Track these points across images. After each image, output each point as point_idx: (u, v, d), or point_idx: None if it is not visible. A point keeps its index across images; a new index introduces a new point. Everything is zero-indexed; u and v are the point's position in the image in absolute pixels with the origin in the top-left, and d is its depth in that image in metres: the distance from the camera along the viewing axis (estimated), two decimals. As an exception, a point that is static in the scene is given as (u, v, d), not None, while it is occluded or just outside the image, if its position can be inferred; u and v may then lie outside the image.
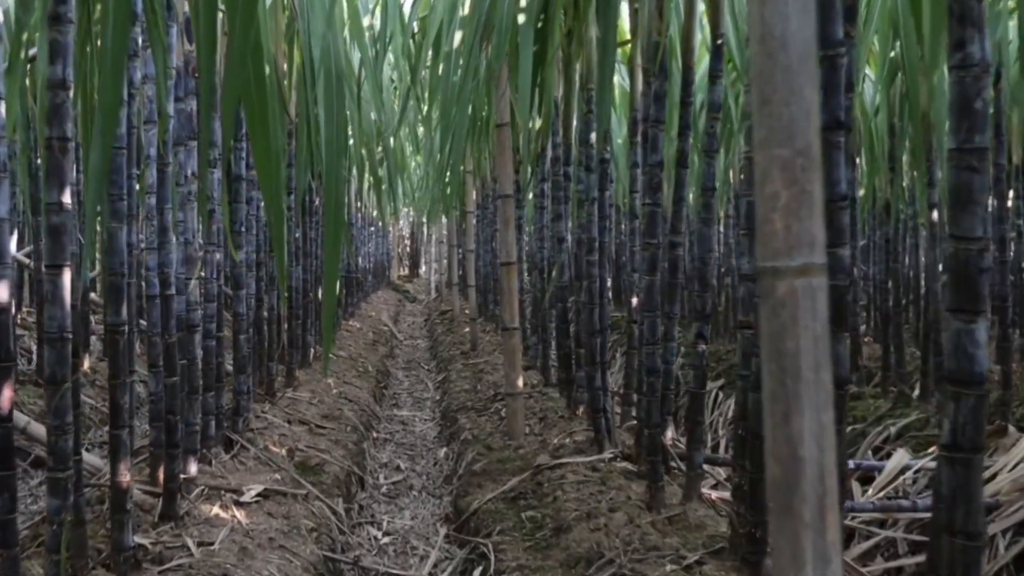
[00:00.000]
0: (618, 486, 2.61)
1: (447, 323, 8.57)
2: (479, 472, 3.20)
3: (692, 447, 2.39)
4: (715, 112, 2.39)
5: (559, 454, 3.07)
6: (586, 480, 2.71)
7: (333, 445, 3.52)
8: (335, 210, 1.56)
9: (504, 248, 3.55)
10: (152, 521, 2.23)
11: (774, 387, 0.77)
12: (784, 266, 0.76)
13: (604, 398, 3.01)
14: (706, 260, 2.43)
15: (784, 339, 0.76)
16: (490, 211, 7.16)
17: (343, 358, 5.58)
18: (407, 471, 3.76)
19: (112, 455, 1.91)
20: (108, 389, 1.91)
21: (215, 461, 2.77)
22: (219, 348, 2.89)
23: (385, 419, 4.86)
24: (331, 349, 1.57)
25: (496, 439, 3.55)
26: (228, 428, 3.00)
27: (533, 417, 3.71)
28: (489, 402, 4.32)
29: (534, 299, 4.88)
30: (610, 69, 2.37)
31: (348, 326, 7.21)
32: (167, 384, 2.25)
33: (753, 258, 2.01)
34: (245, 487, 2.63)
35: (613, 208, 4.60)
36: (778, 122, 0.77)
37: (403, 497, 3.41)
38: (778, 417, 0.76)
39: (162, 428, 2.28)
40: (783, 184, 0.76)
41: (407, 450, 4.18)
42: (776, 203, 0.76)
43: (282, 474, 2.91)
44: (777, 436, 0.77)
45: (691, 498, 2.40)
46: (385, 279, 14.01)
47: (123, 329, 1.91)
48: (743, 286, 2.02)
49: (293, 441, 3.34)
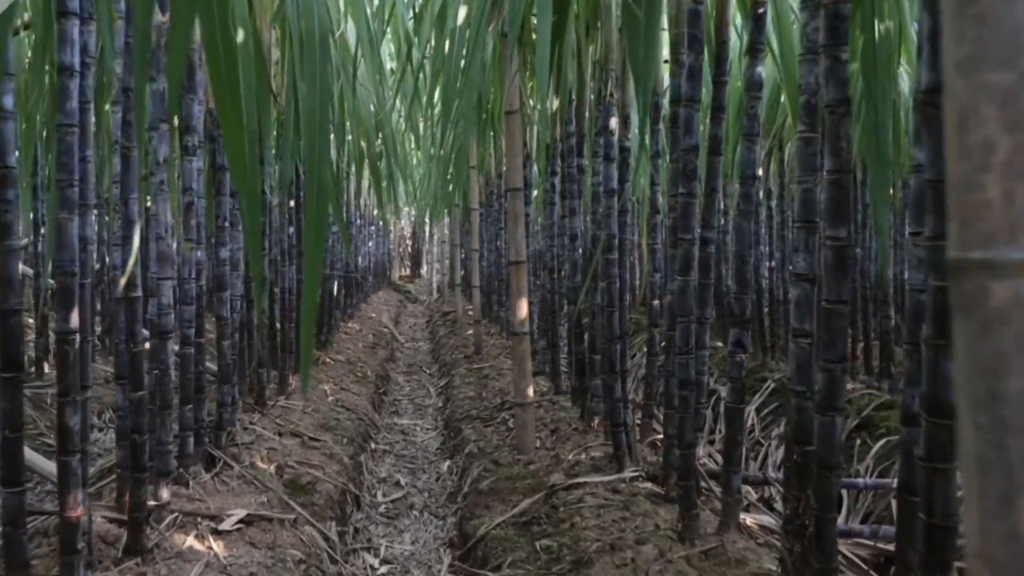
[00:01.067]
0: (644, 512, 2.33)
1: (450, 325, 8.29)
2: (486, 491, 2.92)
3: (730, 469, 2.11)
4: (755, 91, 2.10)
5: (575, 472, 2.79)
6: (607, 504, 2.42)
7: (327, 459, 3.24)
8: (317, 198, 1.28)
9: (513, 246, 3.26)
10: (115, 556, 1.95)
11: (984, 451, 0.48)
12: (1004, 259, 0.48)
13: (624, 411, 2.73)
14: (745, 258, 2.14)
15: (1003, 375, 0.48)
16: (495, 209, 6.89)
17: (340, 362, 5.30)
18: (407, 487, 3.47)
19: (60, 486, 1.63)
20: (56, 408, 1.63)
21: (193, 482, 2.49)
22: (199, 355, 2.61)
23: (384, 428, 4.57)
24: (309, 373, 1.32)
25: (504, 453, 3.26)
26: (210, 443, 2.72)
27: (544, 429, 3.43)
28: (495, 411, 4.03)
29: (543, 300, 4.60)
30: (656, 18, 2.04)
31: (347, 328, 6.93)
32: (132, 399, 1.97)
33: (809, 255, 1.73)
34: (226, 512, 2.34)
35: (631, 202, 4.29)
36: (993, 32, 0.48)
37: (403, 517, 3.12)
38: (992, 498, 0.48)
39: (128, 448, 2.00)
40: (1002, 127, 0.48)
41: (407, 463, 3.90)
42: (990, 157, 0.48)
43: (269, 495, 2.63)
44: (991, 527, 0.48)
45: (728, 527, 2.12)
46: (386, 279, 13.74)
47: (74, 338, 1.63)
48: (798, 287, 1.73)
49: (283, 456, 3.06)
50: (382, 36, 3.73)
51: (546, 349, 4.36)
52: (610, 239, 2.81)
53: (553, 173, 4.13)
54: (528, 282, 3.51)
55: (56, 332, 1.63)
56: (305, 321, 1.25)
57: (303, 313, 1.23)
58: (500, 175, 6.55)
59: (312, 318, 1.26)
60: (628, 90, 2.81)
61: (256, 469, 2.80)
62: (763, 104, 2.19)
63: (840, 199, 1.42)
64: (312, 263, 1.27)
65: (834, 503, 1.43)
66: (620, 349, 2.78)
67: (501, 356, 5.52)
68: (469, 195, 6.84)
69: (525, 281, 3.25)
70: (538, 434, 3.34)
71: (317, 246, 1.27)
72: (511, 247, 3.27)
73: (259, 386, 3.59)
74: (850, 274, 1.42)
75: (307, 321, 1.25)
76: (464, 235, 8.67)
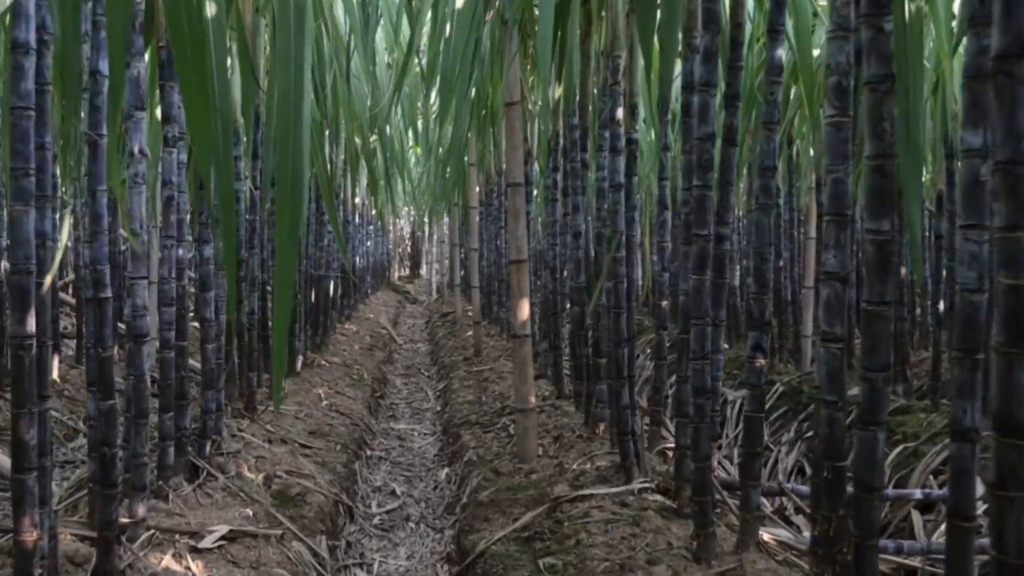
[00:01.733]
0: (655, 528, 2.17)
1: (449, 326, 8.14)
2: (486, 502, 2.76)
3: (748, 483, 1.95)
4: (776, 75, 1.95)
5: (580, 483, 2.63)
6: (615, 519, 2.26)
7: (319, 468, 3.08)
8: (292, 188, 1.13)
9: (514, 244, 3.11)
10: (83, 580, 1.80)
11: None
12: None
13: (632, 418, 2.57)
14: (764, 256, 1.99)
15: None
16: (494, 207, 6.73)
17: (336, 364, 5.14)
18: (403, 497, 3.31)
19: (15, 507, 1.47)
20: (11, 421, 1.48)
21: (174, 495, 2.33)
22: (181, 360, 2.46)
23: (380, 433, 4.42)
24: (281, 396, 1.18)
25: (505, 461, 3.11)
26: (193, 453, 2.57)
27: (547, 435, 3.27)
28: (495, 416, 3.88)
29: (544, 301, 4.44)
30: None
31: (344, 329, 6.77)
32: (102, 408, 1.82)
33: (840, 251, 1.57)
34: (207, 528, 2.19)
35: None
36: None
37: (398, 530, 2.97)
38: None
39: (98, 461, 1.85)
40: None
41: (404, 470, 3.74)
42: None
43: (255, 508, 2.47)
44: None
45: (747, 546, 1.96)
46: (385, 280, 13.60)
47: (30, 343, 1.48)
48: (828, 286, 1.58)
49: (272, 464, 2.90)
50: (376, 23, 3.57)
51: (547, 351, 4.20)
52: (618, 236, 2.65)
53: (555, 168, 3.97)
54: (529, 282, 3.36)
55: (10, 337, 1.47)
56: (277, 333, 1.09)
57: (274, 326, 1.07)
58: (500, 172, 6.39)
59: (284, 331, 1.10)
60: (636, 78, 2.66)
61: (242, 480, 2.65)
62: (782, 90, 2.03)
63: (883, 188, 1.26)
64: (283, 266, 1.11)
65: (876, 529, 1.28)
66: (628, 353, 2.63)
67: (501, 358, 5.37)
68: (468, 193, 6.69)
69: (527, 281, 3.10)
70: (540, 441, 3.19)
71: (290, 243, 1.10)
72: (512, 245, 3.11)
73: (249, 390, 3.44)
74: (895, 271, 1.27)
75: (279, 334, 1.09)
76: (464, 234, 8.51)
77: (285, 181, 1.14)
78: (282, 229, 1.11)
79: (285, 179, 1.14)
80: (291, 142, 1.16)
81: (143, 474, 2.06)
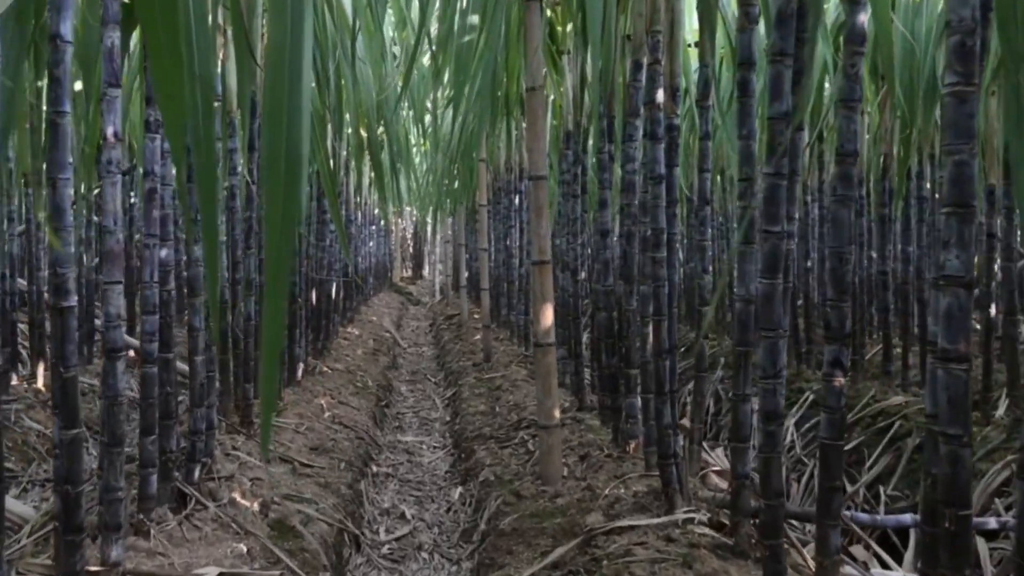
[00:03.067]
0: (711, 571, 1.87)
1: (455, 329, 7.85)
2: (508, 531, 2.47)
3: (826, 523, 1.66)
4: (858, 45, 1.65)
5: (615, 511, 2.34)
6: (662, 558, 1.97)
7: (321, 490, 2.79)
8: (286, 167, 0.84)
9: (536, 243, 2.81)
10: (41, 642, 1.51)
11: None
12: None
13: (675, 440, 2.28)
14: (843, 257, 1.70)
15: None
16: (503, 205, 6.43)
17: (339, 371, 4.85)
18: (414, 521, 3.02)
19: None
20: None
21: (156, 530, 2.05)
22: (166, 375, 2.17)
23: (387, 446, 4.13)
24: (272, 416, 0.99)
25: (527, 483, 2.81)
26: (180, 479, 2.28)
27: (571, 453, 2.98)
28: (512, 430, 3.58)
29: (563, 305, 4.15)
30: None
31: (346, 333, 6.48)
32: (65, 438, 1.53)
33: (963, 250, 1.28)
34: (193, 571, 1.90)
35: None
36: None
37: (410, 561, 2.67)
38: None
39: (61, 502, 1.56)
40: None
41: (414, 489, 3.45)
42: None
43: (250, 542, 2.18)
44: None
45: (825, 596, 1.67)
46: (387, 281, 13.33)
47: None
48: (945, 293, 1.29)
49: (270, 488, 2.61)
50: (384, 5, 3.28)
51: (567, 359, 3.90)
52: (657, 234, 2.36)
53: (575, 161, 3.69)
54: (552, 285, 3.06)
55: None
56: (266, 346, 0.80)
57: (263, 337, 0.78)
58: (509, 168, 6.10)
59: (275, 343, 0.81)
60: (677, 57, 2.37)
61: (236, 508, 2.35)
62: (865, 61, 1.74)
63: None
64: (274, 262, 0.82)
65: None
66: (670, 365, 2.33)
67: (513, 364, 5.08)
68: (477, 191, 6.40)
69: (551, 284, 2.80)
70: (565, 459, 2.89)
71: (283, 239, 0.82)
72: (535, 244, 2.82)
73: (245, 403, 3.15)
74: None
75: (268, 347, 0.81)
76: (470, 234, 8.22)
77: (278, 150, 0.85)
78: (273, 213, 0.82)
79: (278, 148, 0.85)
80: (286, 105, 0.87)
81: (117, 511, 1.77)
